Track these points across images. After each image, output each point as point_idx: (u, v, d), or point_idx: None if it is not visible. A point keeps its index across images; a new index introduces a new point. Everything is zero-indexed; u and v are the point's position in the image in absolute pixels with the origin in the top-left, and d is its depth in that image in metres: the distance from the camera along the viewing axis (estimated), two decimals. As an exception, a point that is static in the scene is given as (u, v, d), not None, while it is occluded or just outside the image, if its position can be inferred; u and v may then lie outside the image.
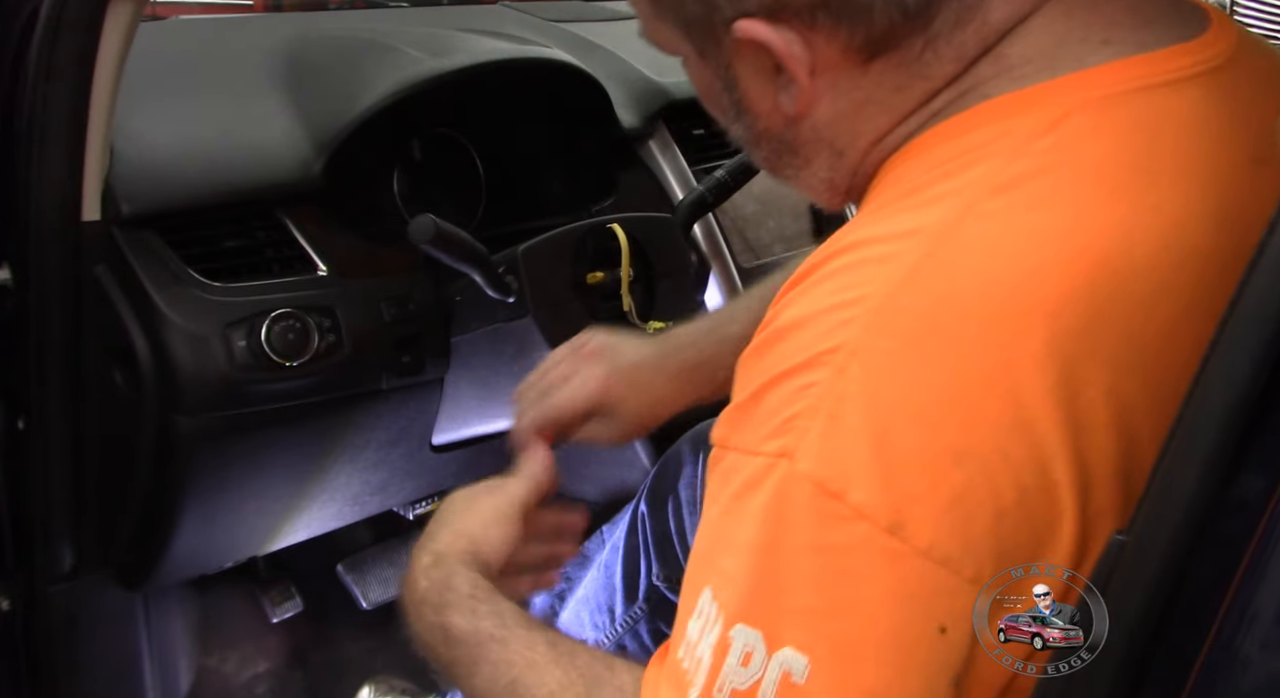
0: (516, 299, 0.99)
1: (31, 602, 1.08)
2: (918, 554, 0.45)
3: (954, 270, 0.47)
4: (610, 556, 1.18)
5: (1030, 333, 0.46)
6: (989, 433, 0.46)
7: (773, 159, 0.63)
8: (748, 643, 0.48)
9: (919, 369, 0.46)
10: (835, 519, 0.46)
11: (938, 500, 0.45)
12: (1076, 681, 0.47)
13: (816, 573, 0.46)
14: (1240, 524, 0.43)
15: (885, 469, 0.45)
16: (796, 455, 0.47)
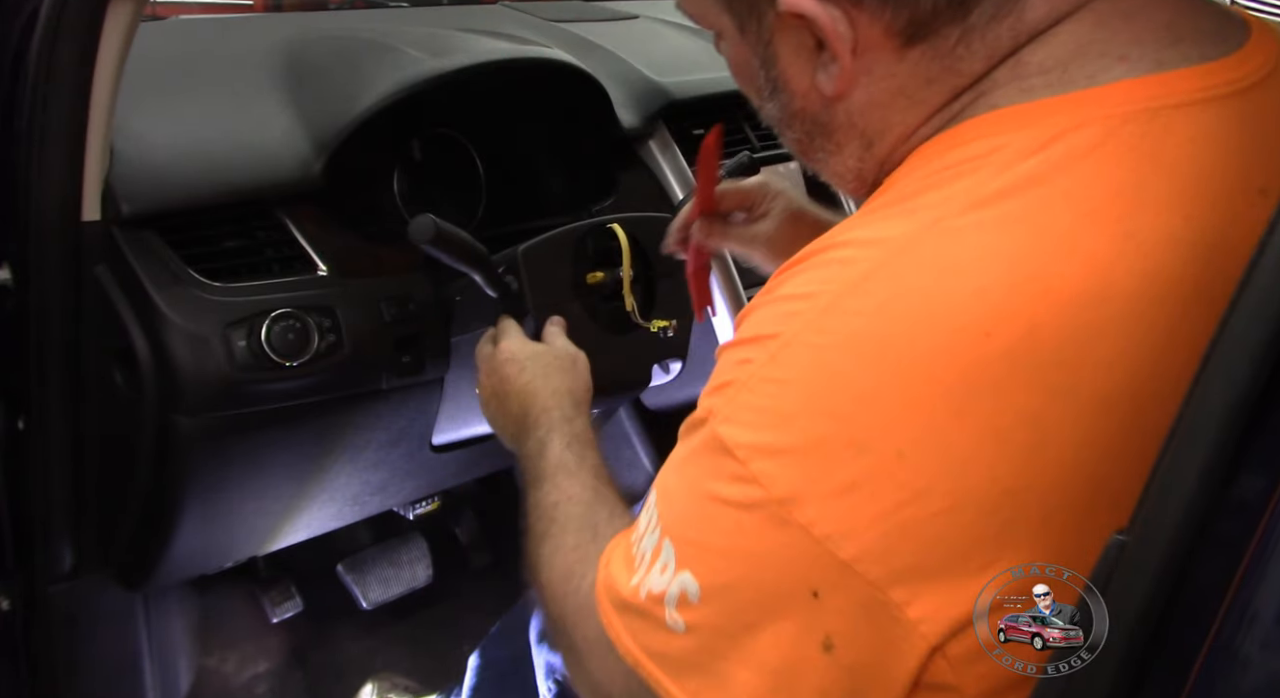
0: (516, 299, 0.99)
1: (31, 602, 1.08)
2: (800, 526, 0.49)
3: (901, 283, 0.49)
4: None
5: (958, 350, 0.47)
6: (894, 433, 0.48)
7: (804, 142, 0.64)
8: (667, 556, 0.55)
9: (843, 366, 0.49)
10: (737, 479, 0.51)
11: (830, 485, 0.48)
12: (1076, 681, 0.47)
13: (716, 519, 0.52)
14: (1240, 524, 0.43)
15: (788, 450, 0.50)
16: (717, 417, 0.53)
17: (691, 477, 0.55)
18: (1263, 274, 0.42)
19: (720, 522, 0.52)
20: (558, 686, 1.21)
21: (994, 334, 0.47)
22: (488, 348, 0.95)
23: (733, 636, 0.52)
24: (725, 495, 0.52)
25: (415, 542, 1.73)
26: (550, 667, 1.21)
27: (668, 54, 1.53)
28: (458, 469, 1.35)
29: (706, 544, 0.53)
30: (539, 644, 1.23)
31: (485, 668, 1.28)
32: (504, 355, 0.92)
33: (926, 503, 0.47)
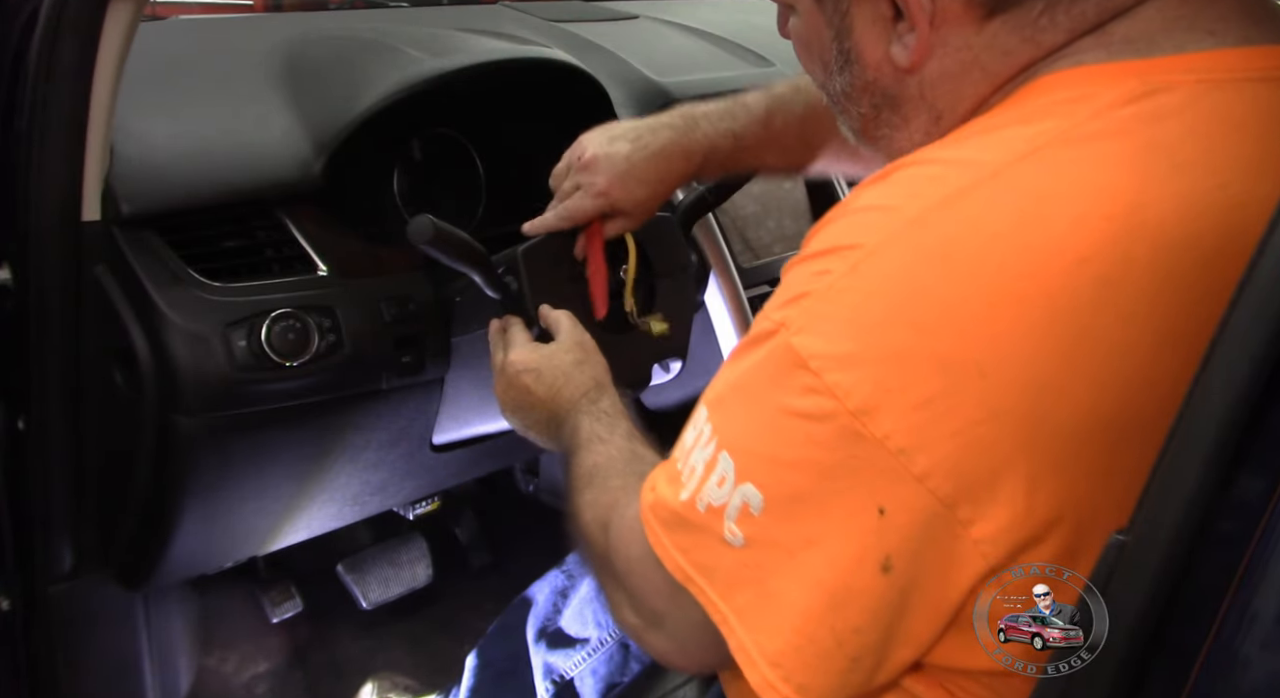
0: (516, 299, 0.99)
1: (31, 602, 1.08)
2: (874, 440, 0.49)
3: (996, 203, 0.50)
4: None
5: (1051, 273, 0.48)
6: (977, 350, 0.48)
7: (870, 116, 0.64)
8: (725, 469, 0.55)
9: (930, 279, 0.49)
10: (809, 391, 0.51)
11: (908, 398, 0.49)
12: (1076, 681, 0.47)
13: (784, 431, 0.52)
14: (1240, 524, 0.43)
15: (866, 361, 0.50)
16: (791, 328, 0.53)
17: (756, 389, 0.54)
18: (1263, 274, 0.42)
19: (789, 434, 0.52)
20: (555, 686, 1.21)
21: (1090, 261, 0.48)
22: (499, 356, 0.95)
23: (791, 551, 0.53)
24: (796, 407, 0.51)
25: (415, 542, 1.73)
26: (548, 667, 1.21)
27: (668, 54, 1.53)
28: (458, 469, 1.35)
29: (773, 456, 0.53)
30: (536, 644, 1.23)
31: (483, 668, 1.28)
32: (517, 367, 0.91)
33: (1003, 423, 0.48)
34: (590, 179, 0.96)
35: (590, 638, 1.19)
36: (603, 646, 1.18)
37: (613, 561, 0.68)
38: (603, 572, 0.71)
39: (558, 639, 1.21)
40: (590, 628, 1.19)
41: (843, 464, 0.50)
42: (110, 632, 1.21)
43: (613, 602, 0.70)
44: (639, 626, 0.66)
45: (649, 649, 0.69)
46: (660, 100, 1.38)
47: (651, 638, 0.66)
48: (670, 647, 0.65)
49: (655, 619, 0.64)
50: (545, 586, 1.25)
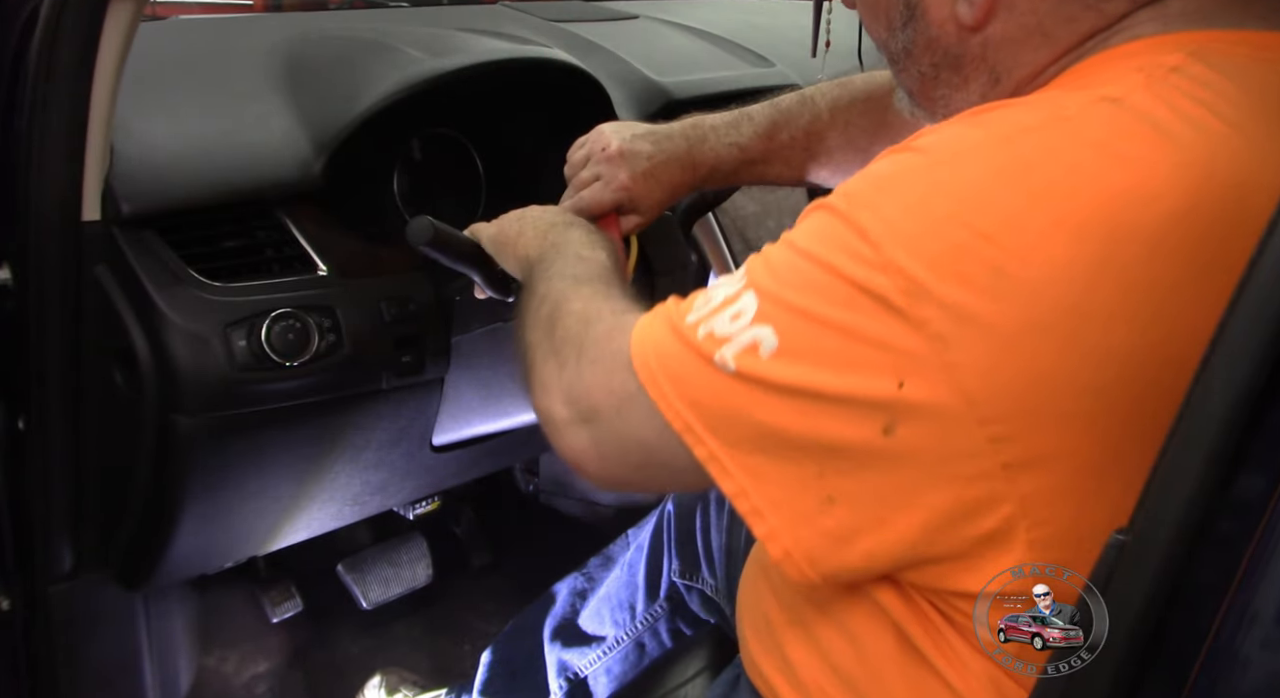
0: (516, 298, 0.99)
1: (31, 602, 1.08)
2: (915, 321, 0.50)
3: (1077, 138, 0.52)
4: (634, 555, 1.19)
5: (1119, 208, 0.50)
6: (1033, 267, 0.50)
7: (929, 75, 0.66)
8: (745, 306, 0.56)
9: (1003, 192, 0.51)
10: (862, 261, 0.52)
11: (956, 294, 0.50)
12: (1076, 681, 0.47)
13: (827, 290, 0.53)
14: (1240, 524, 0.43)
15: (926, 249, 0.51)
16: (858, 201, 0.54)
17: (808, 246, 0.55)
18: (1263, 274, 0.42)
19: (832, 293, 0.53)
20: (569, 683, 1.21)
21: (1159, 201, 0.50)
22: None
23: (790, 396, 0.54)
24: (846, 272, 0.52)
25: (415, 542, 1.73)
26: (562, 664, 1.21)
27: (668, 54, 1.53)
28: (458, 469, 1.35)
29: (805, 309, 0.54)
30: (551, 643, 1.23)
31: (496, 665, 1.29)
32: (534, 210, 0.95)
33: (1043, 339, 0.49)
34: (613, 172, 0.97)
35: (606, 636, 1.19)
36: (619, 644, 1.19)
37: (575, 343, 0.68)
38: (544, 350, 0.71)
39: (573, 637, 1.22)
40: (607, 626, 1.19)
41: (878, 337, 0.51)
42: (110, 632, 1.21)
43: (541, 384, 0.70)
44: (563, 418, 0.67)
45: (559, 444, 0.69)
46: (660, 100, 1.38)
47: (571, 434, 0.66)
48: (587, 449, 0.66)
49: (588, 416, 0.65)
50: (563, 587, 1.26)
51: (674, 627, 1.16)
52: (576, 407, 0.66)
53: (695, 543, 1.10)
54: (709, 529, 1.08)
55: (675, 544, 1.12)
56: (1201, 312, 0.48)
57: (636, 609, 1.17)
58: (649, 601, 1.16)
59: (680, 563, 1.12)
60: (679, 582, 1.13)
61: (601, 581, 1.23)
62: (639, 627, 1.17)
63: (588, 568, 1.26)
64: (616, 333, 0.65)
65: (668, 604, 1.15)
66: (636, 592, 1.17)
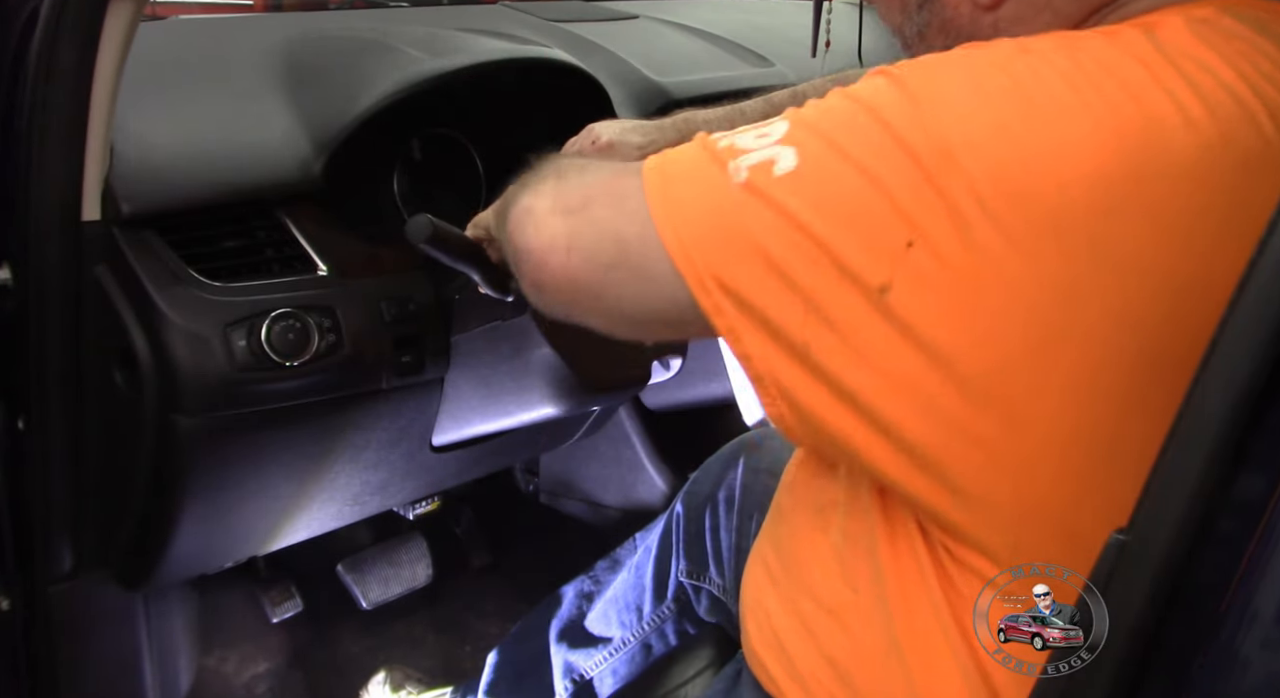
0: (515, 297, 0.99)
1: (31, 602, 1.08)
2: (938, 187, 0.50)
3: (1129, 56, 0.53)
4: (642, 557, 1.19)
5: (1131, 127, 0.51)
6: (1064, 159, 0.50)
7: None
8: (775, 129, 0.55)
9: (1052, 86, 0.51)
10: (909, 120, 0.52)
11: (986, 175, 0.50)
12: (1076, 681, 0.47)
13: (864, 131, 0.53)
14: (1240, 524, 0.43)
15: (969, 117, 0.51)
16: (915, 71, 0.54)
17: (857, 93, 0.55)
18: (1262, 274, 0.42)
19: (868, 136, 0.52)
20: (574, 685, 1.21)
21: (1196, 128, 0.51)
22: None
23: (796, 225, 0.53)
24: (887, 119, 0.52)
25: (415, 542, 1.73)
26: (568, 666, 1.21)
27: (668, 54, 1.53)
28: (458, 469, 1.35)
29: (838, 143, 0.53)
30: (558, 644, 1.23)
31: (503, 665, 1.29)
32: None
33: (1067, 240, 0.50)
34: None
35: (613, 638, 1.19)
36: (625, 646, 1.18)
37: (579, 164, 0.66)
38: (542, 176, 0.67)
39: (580, 639, 1.22)
40: (614, 628, 1.19)
41: (897, 188, 0.51)
42: (110, 632, 1.21)
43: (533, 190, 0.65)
44: (544, 208, 0.62)
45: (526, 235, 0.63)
46: (660, 100, 1.38)
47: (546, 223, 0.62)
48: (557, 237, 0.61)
49: (572, 208, 0.61)
50: (570, 589, 1.26)
51: (681, 628, 1.16)
52: (563, 199, 0.62)
53: (704, 542, 1.10)
54: (718, 529, 1.08)
55: (683, 545, 1.12)
56: (1228, 244, 0.49)
57: (644, 611, 1.17)
58: (656, 602, 1.16)
59: (688, 563, 1.12)
60: (686, 582, 1.13)
61: (608, 583, 1.23)
62: (646, 628, 1.17)
63: (595, 571, 1.26)
64: (631, 166, 0.62)
65: (675, 605, 1.15)
66: (644, 594, 1.17)
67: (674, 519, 1.14)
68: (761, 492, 1.05)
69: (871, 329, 0.52)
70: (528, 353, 1.02)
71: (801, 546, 0.72)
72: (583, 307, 0.63)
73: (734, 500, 1.07)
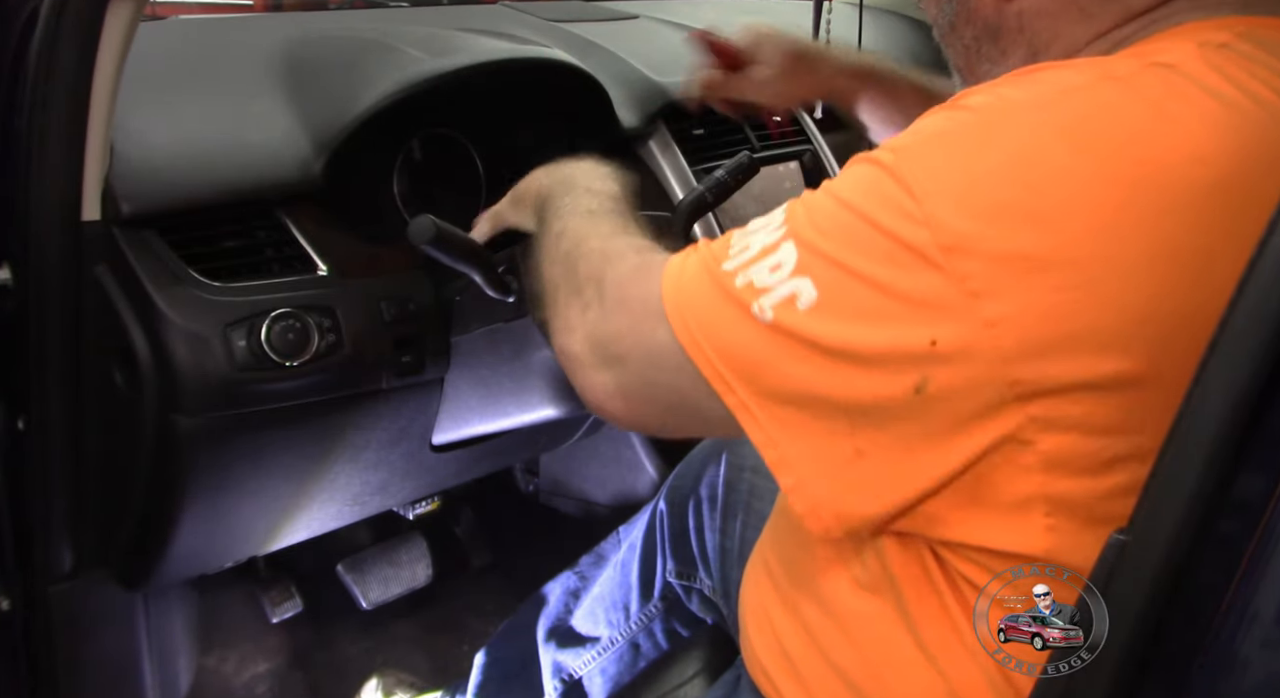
0: (516, 299, 0.99)
1: (31, 602, 1.08)
2: (954, 277, 0.50)
3: (1128, 96, 0.52)
4: (627, 554, 1.19)
5: (1169, 167, 0.50)
6: (1079, 222, 0.50)
7: (972, 49, 0.68)
8: (785, 258, 0.56)
9: (1053, 148, 0.51)
10: (905, 216, 0.52)
11: (1000, 248, 0.50)
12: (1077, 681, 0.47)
13: (866, 243, 0.53)
14: (1240, 524, 0.43)
15: (971, 204, 0.51)
16: (903, 155, 0.54)
17: (850, 199, 0.55)
18: (1262, 274, 0.42)
19: (871, 247, 0.53)
20: (563, 684, 1.21)
21: (1207, 163, 0.50)
22: None
23: (825, 353, 0.54)
24: (886, 226, 0.52)
25: (415, 542, 1.73)
26: (557, 666, 1.21)
27: (668, 54, 1.53)
28: (458, 469, 1.35)
29: (845, 263, 0.54)
30: (546, 643, 1.23)
31: (491, 666, 1.29)
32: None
33: (1086, 293, 0.50)
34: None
35: (601, 637, 1.19)
36: (613, 645, 1.18)
37: (598, 287, 0.68)
38: (566, 289, 0.71)
39: (568, 638, 1.21)
40: (602, 627, 1.19)
41: (913, 291, 0.52)
42: (110, 632, 1.21)
43: (565, 323, 0.70)
44: (587, 360, 0.67)
45: (580, 384, 0.69)
46: (660, 100, 1.38)
47: (594, 376, 0.67)
48: (612, 393, 0.66)
49: (613, 361, 0.65)
50: (557, 586, 1.26)
51: (669, 627, 1.16)
52: (601, 351, 0.66)
53: (689, 543, 1.10)
54: (703, 529, 1.08)
55: (669, 544, 1.12)
56: (1234, 279, 0.49)
57: (631, 610, 1.17)
58: (643, 601, 1.16)
59: (676, 563, 1.12)
60: (676, 583, 1.13)
61: (594, 579, 1.23)
62: (633, 627, 1.17)
63: (580, 566, 1.25)
64: (642, 274, 0.65)
65: (662, 604, 1.15)
66: (630, 592, 1.17)
67: (657, 516, 1.14)
68: (744, 490, 1.05)
69: (916, 423, 0.53)
70: (528, 354, 1.02)
71: (805, 552, 0.72)
72: (657, 432, 0.72)
73: (717, 499, 1.07)
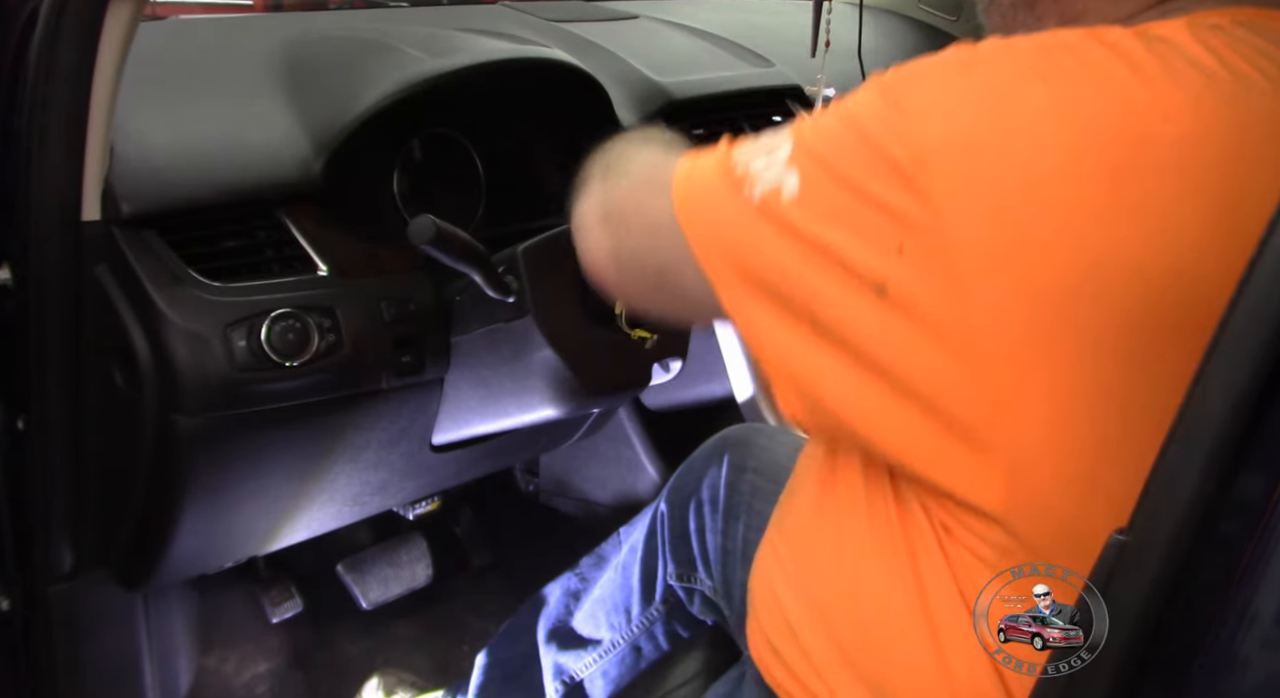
0: (516, 299, 0.99)
1: (31, 602, 1.08)
2: (922, 192, 0.53)
3: (1114, 57, 0.54)
4: (628, 556, 1.19)
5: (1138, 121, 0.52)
6: (1044, 163, 0.52)
7: (1010, 16, 0.70)
8: (782, 150, 0.60)
9: (1027, 88, 0.54)
10: (888, 128, 0.55)
11: (971, 171, 0.53)
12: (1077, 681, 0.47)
13: (850, 149, 0.57)
14: (1240, 524, 0.43)
15: (950, 127, 0.54)
16: (902, 77, 0.57)
17: (849, 110, 0.59)
18: (1263, 274, 0.42)
19: (855, 154, 0.56)
20: (564, 686, 1.21)
21: (1177, 120, 0.52)
22: None
23: (804, 246, 0.57)
24: (872, 135, 0.56)
25: (415, 542, 1.73)
26: (558, 668, 1.21)
27: (668, 54, 1.53)
28: (458, 469, 1.35)
29: (828, 163, 0.58)
30: (547, 645, 1.23)
31: (492, 667, 1.29)
32: None
33: (1043, 226, 0.52)
34: None
35: (603, 639, 1.19)
36: (615, 647, 1.18)
37: (625, 164, 0.77)
38: (600, 171, 0.79)
39: (569, 640, 1.21)
40: (603, 629, 1.19)
41: (884, 200, 0.55)
42: (110, 632, 1.21)
43: (586, 193, 0.78)
44: (594, 223, 0.75)
45: (581, 246, 0.78)
46: (660, 100, 1.38)
47: (595, 237, 0.75)
48: (607, 258, 0.74)
49: (616, 224, 0.73)
50: (557, 587, 1.26)
51: (671, 630, 1.16)
52: (607, 215, 0.74)
53: (690, 544, 1.10)
54: (704, 531, 1.08)
55: (669, 546, 1.12)
56: (1197, 235, 0.51)
57: (632, 613, 1.17)
58: (644, 604, 1.16)
59: (676, 566, 1.12)
60: (677, 585, 1.13)
61: (595, 580, 1.23)
62: (635, 630, 1.17)
63: (580, 568, 1.25)
64: (664, 158, 0.72)
65: (664, 607, 1.15)
66: (631, 595, 1.17)
67: (659, 519, 1.14)
68: (746, 491, 1.05)
69: (875, 319, 0.56)
70: (528, 355, 1.02)
71: (812, 531, 0.73)
72: (639, 305, 0.78)
73: (718, 501, 1.08)
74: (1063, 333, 0.53)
